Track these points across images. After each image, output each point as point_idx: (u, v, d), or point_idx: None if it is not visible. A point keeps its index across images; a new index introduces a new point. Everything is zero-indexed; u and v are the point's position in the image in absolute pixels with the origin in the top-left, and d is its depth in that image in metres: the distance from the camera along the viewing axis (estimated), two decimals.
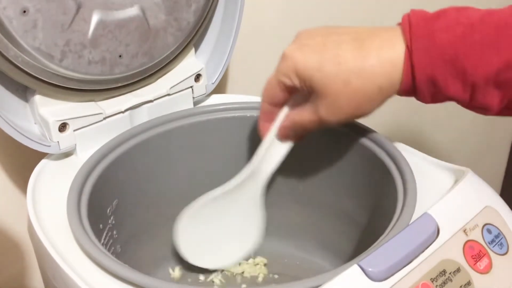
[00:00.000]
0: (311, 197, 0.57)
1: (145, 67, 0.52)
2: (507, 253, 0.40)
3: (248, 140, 0.56)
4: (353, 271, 0.35)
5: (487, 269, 0.39)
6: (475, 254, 0.39)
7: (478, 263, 0.39)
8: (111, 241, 0.49)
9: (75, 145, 0.50)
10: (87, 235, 0.40)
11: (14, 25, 0.42)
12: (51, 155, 0.49)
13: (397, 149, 0.48)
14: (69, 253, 0.39)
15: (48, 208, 0.44)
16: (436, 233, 0.39)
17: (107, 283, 0.37)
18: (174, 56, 0.54)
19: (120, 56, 0.50)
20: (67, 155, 0.50)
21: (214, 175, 0.53)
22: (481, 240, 0.40)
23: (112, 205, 0.49)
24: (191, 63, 0.57)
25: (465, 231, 0.40)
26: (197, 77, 0.57)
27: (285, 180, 0.57)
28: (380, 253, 0.36)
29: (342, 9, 0.76)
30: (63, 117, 0.48)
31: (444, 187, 0.44)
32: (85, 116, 0.49)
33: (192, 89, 0.57)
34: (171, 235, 0.52)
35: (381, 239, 0.39)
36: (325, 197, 0.56)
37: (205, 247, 0.53)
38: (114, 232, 0.49)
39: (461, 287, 0.38)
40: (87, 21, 0.46)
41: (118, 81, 0.51)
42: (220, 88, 0.68)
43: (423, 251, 0.37)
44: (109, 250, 0.48)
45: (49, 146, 0.48)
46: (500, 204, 0.43)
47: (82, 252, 0.39)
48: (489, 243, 0.40)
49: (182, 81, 0.55)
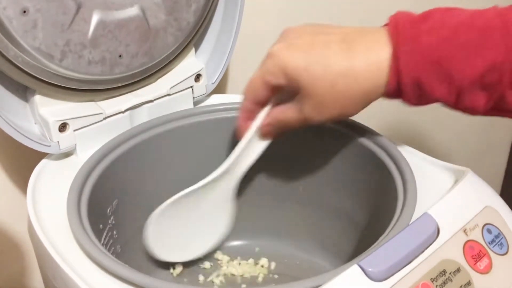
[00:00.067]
0: (311, 197, 0.57)
1: (145, 67, 0.52)
2: (507, 253, 0.40)
3: None
4: (353, 271, 0.35)
5: (487, 269, 0.39)
6: (475, 254, 0.39)
7: (478, 263, 0.39)
8: (111, 241, 0.49)
9: (75, 145, 0.50)
10: (87, 235, 0.40)
11: (14, 25, 0.42)
12: (51, 155, 0.49)
13: (397, 149, 0.48)
14: (69, 253, 0.39)
15: (48, 208, 0.44)
16: (436, 233, 0.39)
17: (107, 283, 0.37)
18: (174, 56, 0.54)
19: (120, 56, 0.50)
20: (67, 155, 0.50)
21: None
22: (481, 240, 0.40)
23: (112, 205, 0.49)
24: (191, 63, 0.57)
25: (465, 231, 0.40)
26: (197, 77, 0.57)
27: (285, 181, 0.57)
28: (380, 253, 0.36)
29: (342, 9, 0.76)
30: (63, 117, 0.48)
31: (444, 187, 0.44)
32: (85, 116, 0.49)
33: (192, 89, 0.57)
34: None
35: (381, 239, 0.39)
36: (325, 197, 0.56)
37: (174, 242, 0.52)
38: (114, 232, 0.49)
39: (461, 287, 0.38)
40: (87, 21, 0.46)
41: (118, 81, 0.51)
42: (220, 88, 0.68)
43: (423, 251, 0.37)
44: (109, 250, 0.48)
45: (49, 146, 0.48)
46: (500, 204, 0.43)
47: (82, 252, 0.39)
48: (489, 243, 0.40)
49: (182, 81, 0.55)
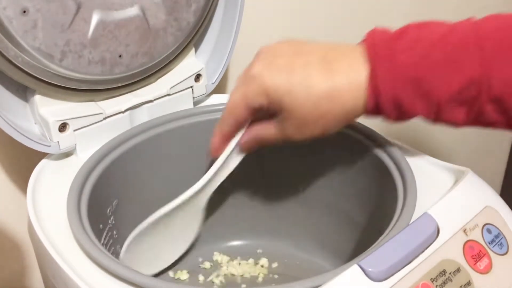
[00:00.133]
0: (311, 197, 0.57)
1: (145, 67, 0.52)
2: (507, 253, 0.40)
3: None
4: (353, 271, 0.35)
5: (487, 269, 0.39)
6: (475, 254, 0.39)
7: (478, 263, 0.39)
8: (111, 241, 0.48)
9: (75, 145, 0.50)
10: (87, 235, 0.40)
11: (14, 25, 0.42)
12: (51, 155, 0.49)
13: (397, 149, 0.48)
14: (69, 253, 0.39)
15: (48, 208, 0.44)
16: (436, 233, 0.39)
17: (107, 283, 0.37)
18: (174, 56, 0.54)
19: (120, 56, 0.50)
20: (67, 155, 0.50)
21: None
22: (481, 240, 0.40)
23: (112, 205, 0.49)
24: (191, 63, 0.57)
25: (465, 231, 0.40)
26: (197, 77, 0.57)
27: (285, 181, 0.57)
28: (380, 253, 0.36)
29: (342, 9, 0.76)
30: (63, 117, 0.48)
31: (444, 187, 0.44)
32: (85, 116, 0.49)
33: (192, 89, 0.57)
34: None
35: (381, 239, 0.39)
36: (325, 197, 0.56)
37: (145, 259, 0.52)
38: (114, 232, 0.49)
39: (461, 287, 0.38)
40: (87, 21, 0.46)
41: (118, 81, 0.51)
42: (220, 88, 0.68)
43: (423, 251, 0.37)
44: (109, 250, 0.48)
45: (49, 146, 0.48)
46: (500, 204, 0.43)
47: (82, 252, 0.39)
48: (489, 243, 0.40)
49: (182, 81, 0.55)
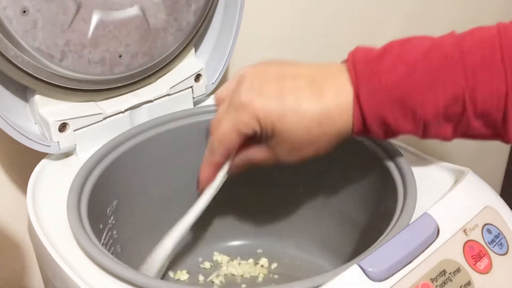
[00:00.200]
0: (311, 197, 0.57)
1: (145, 67, 0.52)
2: (507, 253, 0.40)
3: None
4: (353, 271, 0.35)
5: (487, 269, 0.39)
6: (475, 254, 0.39)
7: (478, 263, 0.39)
8: (111, 241, 0.48)
9: (75, 145, 0.50)
10: (87, 235, 0.40)
11: (14, 25, 0.42)
12: (51, 155, 0.49)
13: (397, 149, 0.48)
14: (69, 253, 0.39)
15: (48, 208, 0.44)
16: (436, 233, 0.39)
17: (107, 283, 0.37)
18: (174, 56, 0.54)
19: (120, 56, 0.50)
20: (67, 155, 0.50)
21: None
22: (481, 240, 0.40)
23: (112, 205, 0.49)
24: (191, 63, 0.57)
25: (465, 231, 0.40)
26: (197, 77, 0.57)
27: (286, 182, 0.57)
28: (380, 253, 0.36)
29: (341, 8, 0.76)
30: (63, 117, 0.48)
31: (444, 187, 0.44)
32: (85, 116, 0.49)
33: (192, 89, 0.57)
34: None
35: (381, 239, 0.39)
36: (325, 197, 0.56)
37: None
38: (114, 232, 0.49)
39: (461, 287, 0.38)
40: (87, 21, 0.46)
41: (118, 81, 0.51)
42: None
43: (423, 251, 0.37)
44: (109, 250, 0.48)
45: (49, 146, 0.48)
46: (500, 204, 0.43)
47: (82, 252, 0.39)
48: (489, 243, 0.40)
49: (182, 81, 0.55)
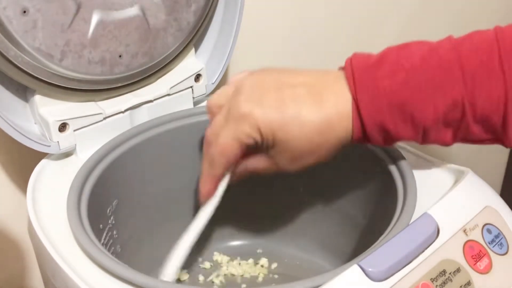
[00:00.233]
0: (311, 197, 0.57)
1: (145, 67, 0.52)
2: (507, 253, 0.40)
3: None
4: (353, 271, 0.35)
5: (487, 269, 0.39)
6: (475, 254, 0.39)
7: (478, 263, 0.39)
8: (111, 241, 0.48)
9: (75, 145, 0.50)
10: (87, 235, 0.40)
11: (14, 25, 0.42)
12: (51, 155, 0.49)
13: (397, 149, 0.48)
14: (69, 253, 0.39)
15: (48, 208, 0.44)
16: (436, 233, 0.39)
17: (107, 283, 0.37)
18: (174, 56, 0.54)
19: (120, 56, 0.50)
20: (67, 155, 0.50)
21: None
22: (481, 240, 0.40)
23: (112, 205, 0.49)
24: (191, 63, 0.57)
25: (465, 231, 0.40)
26: (197, 77, 0.57)
27: (286, 182, 0.57)
28: (380, 253, 0.36)
29: (341, 8, 0.76)
30: (63, 117, 0.48)
31: (444, 187, 0.44)
32: (85, 116, 0.49)
33: (192, 89, 0.57)
34: (171, 235, 0.52)
35: (381, 239, 0.39)
36: (325, 197, 0.56)
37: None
38: (114, 232, 0.49)
39: (461, 287, 0.38)
40: (87, 21, 0.46)
41: (118, 81, 0.51)
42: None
43: (423, 251, 0.37)
44: (109, 250, 0.48)
45: (49, 146, 0.48)
46: (500, 204, 0.43)
47: (82, 252, 0.39)
48: (489, 243, 0.40)
49: (182, 81, 0.55)
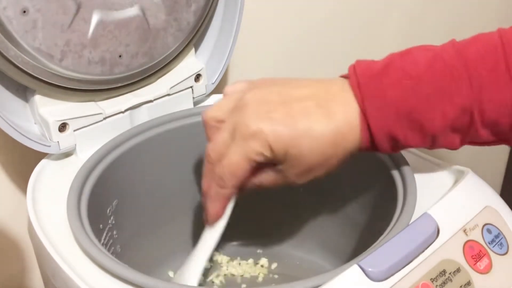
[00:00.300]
0: (311, 197, 0.57)
1: (145, 67, 0.52)
2: (507, 253, 0.40)
3: None
4: (353, 271, 0.35)
5: (487, 269, 0.39)
6: (475, 254, 0.39)
7: (478, 263, 0.39)
8: (111, 241, 0.48)
9: (75, 145, 0.50)
10: (87, 235, 0.40)
11: (14, 25, 0.42)
12: (51, 155, 0.49)
13: None
14: (69, 253, 0.39)
15: (48, 208, 0.44)
16: (436, 233, 0.39)
17: (107, 283, 0.37)
18: (174, 56, 0.54)
19: (120, 56, 0.50)
20: (67, 155, 0.50)
21: None
22: (481, 240, 0.40)
23: (112, 205, 0.49)
24: (191, 63, 0.57)
25: (465, 231, 0.40)
26: (197, 77, 0.57)
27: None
28: (380, 253, 0.36)
29: (342, 9, 0.76)
30: (63, 117, 0.48)
31: (444, 187, 0.44)
32: (85, 116, 0.49)
33: (192, 89, 0.57)
34: (171, 235, 0.52)
35: (381, 239, 0.39)
36: (325, 197, 0.56)
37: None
38: (114, 232, 0.49)
39: (461, 287, 0.38)
40: (87, 21, 0.46)
41: (118, 81, 0.51)
42: (220, 88, 0.68)
43: (423, 251, 0.37)
44: (109, 250, 0.48)
45: (49, 146, 0.48)
46: (500, 204, 0.43)
47: (82, 252, 0.39)
48: (489, 243, 0.40)
49: (182, 81, 0.55)
